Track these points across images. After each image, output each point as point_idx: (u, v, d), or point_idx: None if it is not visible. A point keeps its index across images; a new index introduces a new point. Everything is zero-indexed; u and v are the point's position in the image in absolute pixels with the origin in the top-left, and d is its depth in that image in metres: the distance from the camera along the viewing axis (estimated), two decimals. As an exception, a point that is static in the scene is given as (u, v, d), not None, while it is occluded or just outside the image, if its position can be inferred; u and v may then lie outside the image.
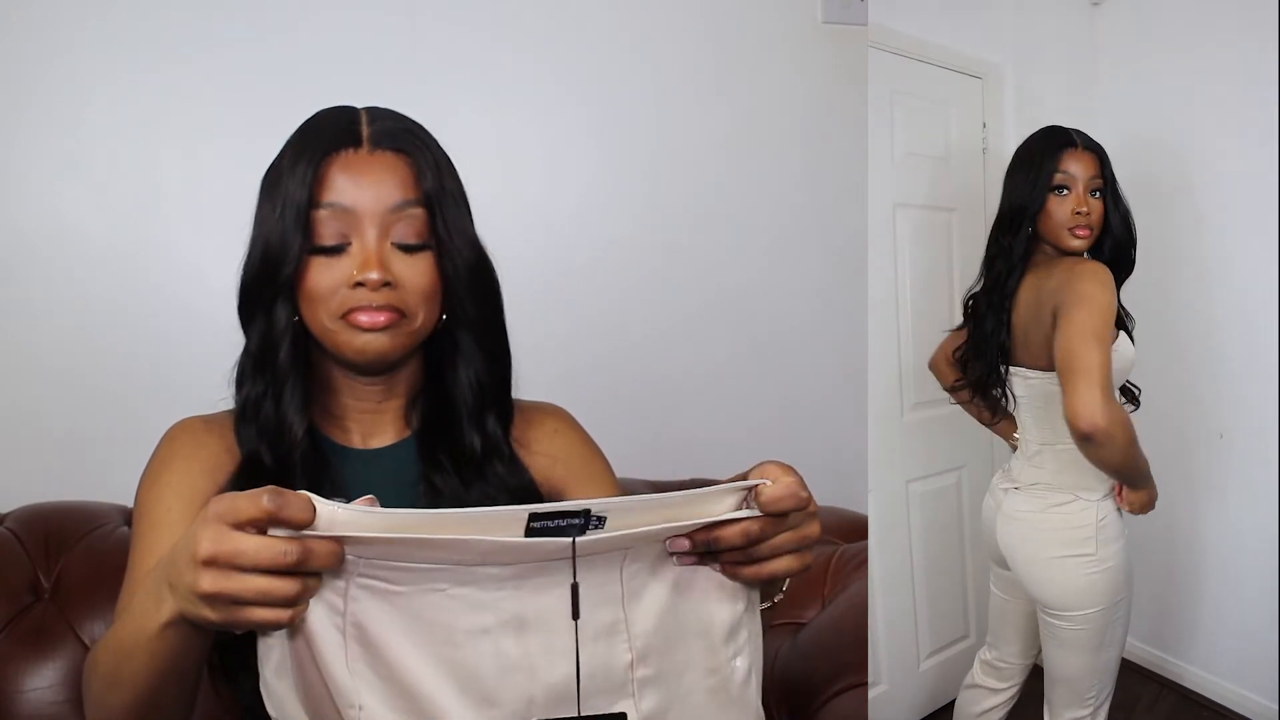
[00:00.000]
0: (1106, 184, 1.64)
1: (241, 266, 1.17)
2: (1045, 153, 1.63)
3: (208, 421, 1.19)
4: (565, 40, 2.00)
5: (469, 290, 1.16)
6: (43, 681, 1.49)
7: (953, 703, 1.85)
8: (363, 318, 1.11)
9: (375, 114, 1.17)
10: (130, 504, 1.18)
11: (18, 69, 1.83)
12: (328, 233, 1.12)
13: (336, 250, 1.12)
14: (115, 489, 1.61)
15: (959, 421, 1.81)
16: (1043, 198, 1.62)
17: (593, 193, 2.02)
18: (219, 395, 1.20)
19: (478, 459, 1.18)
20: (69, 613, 1.52)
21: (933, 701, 1.98)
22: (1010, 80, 1.91)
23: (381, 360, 1.15)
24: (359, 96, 1.22)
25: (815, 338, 2.09)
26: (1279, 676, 1.65)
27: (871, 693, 1.34)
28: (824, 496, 1.68)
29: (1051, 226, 1.63)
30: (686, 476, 1.77)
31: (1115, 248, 1.64)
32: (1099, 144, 1.66)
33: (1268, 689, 1.72)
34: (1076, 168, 1.62)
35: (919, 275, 1.90)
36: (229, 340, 1.18)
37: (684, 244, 2.05)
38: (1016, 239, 1.65)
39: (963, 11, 1.97)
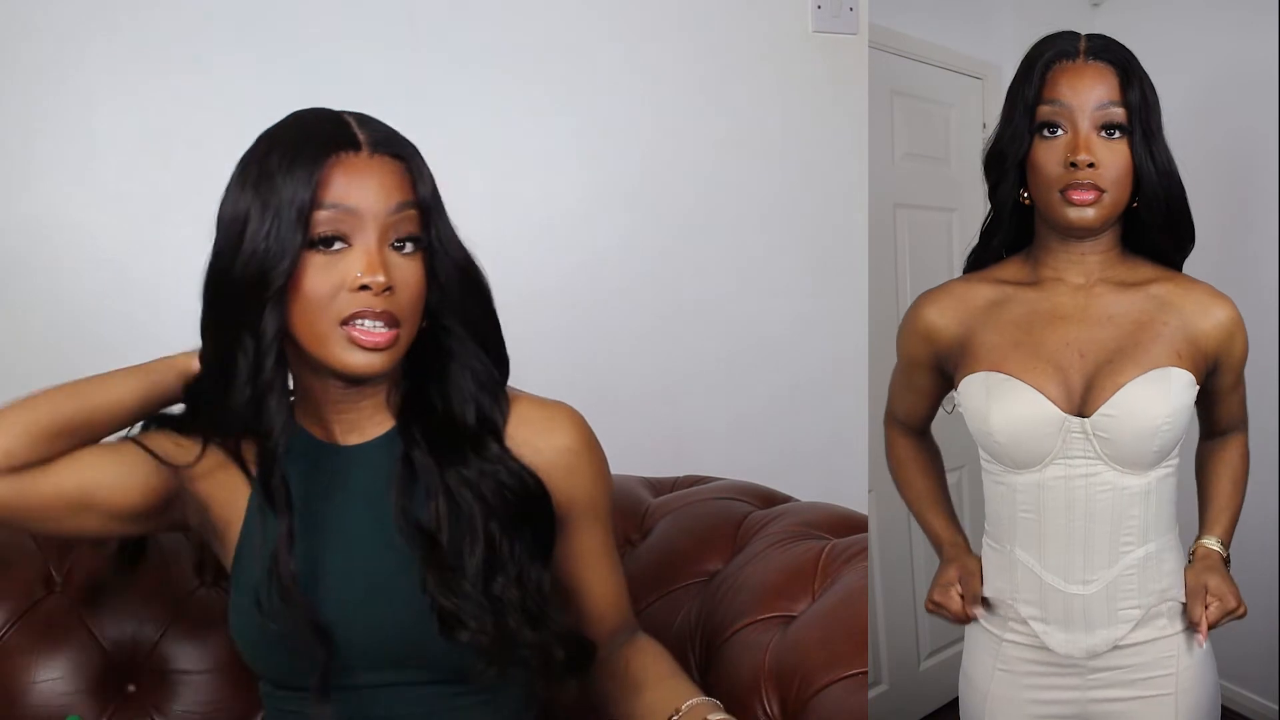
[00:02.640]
0: (1134, 116, 1.09)
1: (210, 272, 1.14)
2: (1028, 72, 1.13)
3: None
4: (566, 41, 2.01)
5: (462, 288, 1.17)
6: (54, 673, 1.50)
7: (953, 702, 1.85)
8: (364, 336, 1.09)
9: (361, 119, 1.16)
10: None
11: (28, 78, 1.84)
12: (329, 232, 1.10)
13: (334, 248, 1.10)
14: (119, 487, 1.62)
15: (959, 421, 1.81)
16: (1024, 141, 1.12)
17: (589, 194, 2.03)
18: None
19: (470, 434, 1.16)
20: (81, 606, 1.53)
21: (933, 701, 1.98)
22: (1010, 80, 1.92)
23: (374, 378, 1.15)
24: (360, 97, 1.23)
25: (815, 338, 2.09)
26: (1279, 676, 1.66)
27: (872, 693, 1.34)
28: (821, 494, 1.70)
29: (1040, 187, 1.11)
30: (683, 474, 1.78)
31: (1156, 218, 1.12)
32: (1124, 51, 1.11)
33: (1268, 689, 1.72)
34: (1073, 90, 1.09)
35: (919, 275, 1.90)
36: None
37: (680, 245, 2.06)
38: (999, 204, 1.16)
39: (963, 12, 1.98)
